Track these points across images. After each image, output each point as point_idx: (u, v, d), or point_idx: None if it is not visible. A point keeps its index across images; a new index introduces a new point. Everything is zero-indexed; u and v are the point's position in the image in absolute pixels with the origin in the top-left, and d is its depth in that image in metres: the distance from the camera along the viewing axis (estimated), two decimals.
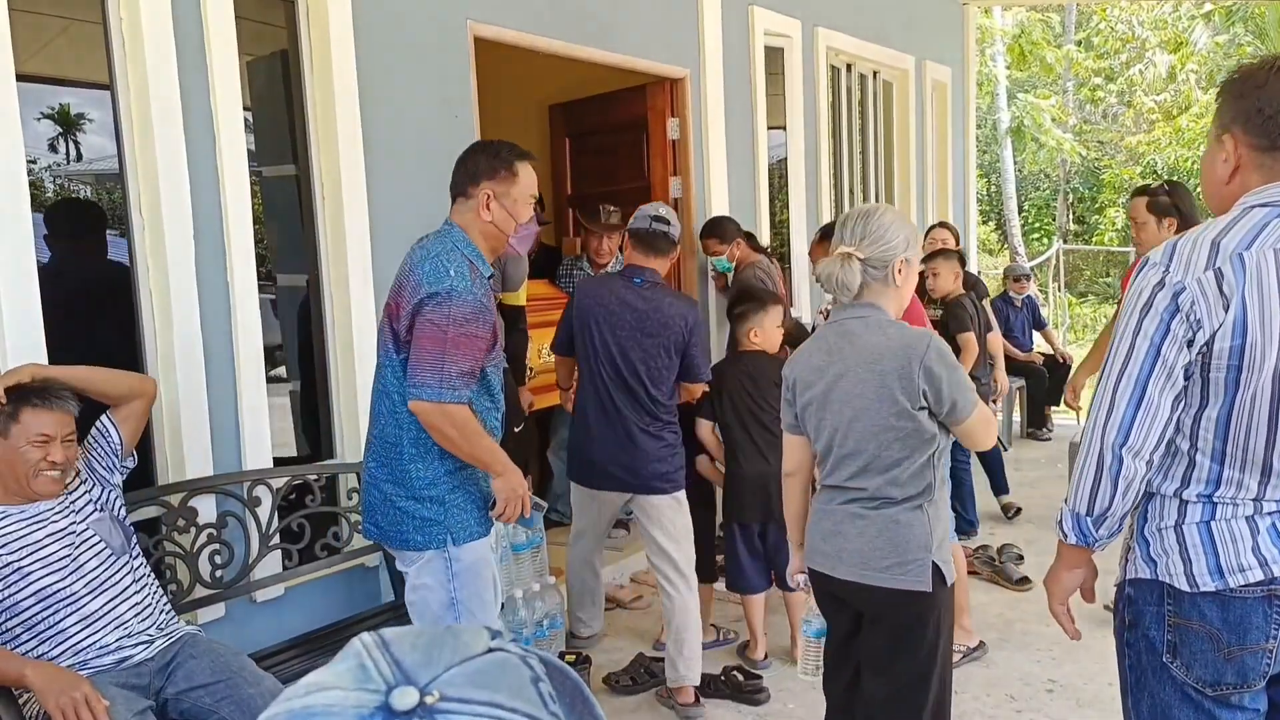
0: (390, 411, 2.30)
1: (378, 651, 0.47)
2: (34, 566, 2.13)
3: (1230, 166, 1.51)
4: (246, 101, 2.95)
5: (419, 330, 2.18)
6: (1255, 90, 1.46)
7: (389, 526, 2.33)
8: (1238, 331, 1.38)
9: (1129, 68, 17.76)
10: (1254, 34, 15.48)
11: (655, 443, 3.14)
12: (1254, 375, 1.39)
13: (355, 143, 3.17)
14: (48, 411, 2.16)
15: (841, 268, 2.01)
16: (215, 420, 2.81)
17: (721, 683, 3.22)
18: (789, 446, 2.23)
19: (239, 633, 2.78)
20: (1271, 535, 1.43)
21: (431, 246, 2.28)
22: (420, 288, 2.19)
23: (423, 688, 0.45)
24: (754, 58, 5.10)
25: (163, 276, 2.70)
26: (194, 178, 2.75)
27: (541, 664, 0.50)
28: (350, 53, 3.14)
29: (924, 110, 6.88)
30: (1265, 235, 1.41)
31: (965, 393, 2.00)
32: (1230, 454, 1.44)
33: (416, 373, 2.18)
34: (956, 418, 2.00)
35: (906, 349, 1.98)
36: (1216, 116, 1.55)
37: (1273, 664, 1.44)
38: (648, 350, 3.10)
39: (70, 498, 2.25)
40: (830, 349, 2.07)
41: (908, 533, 2.00)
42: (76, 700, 1.92)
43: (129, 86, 2.68)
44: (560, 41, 3.97)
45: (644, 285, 3.15)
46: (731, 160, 4.94)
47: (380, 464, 2.33)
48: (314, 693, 0.46)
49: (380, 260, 3.24)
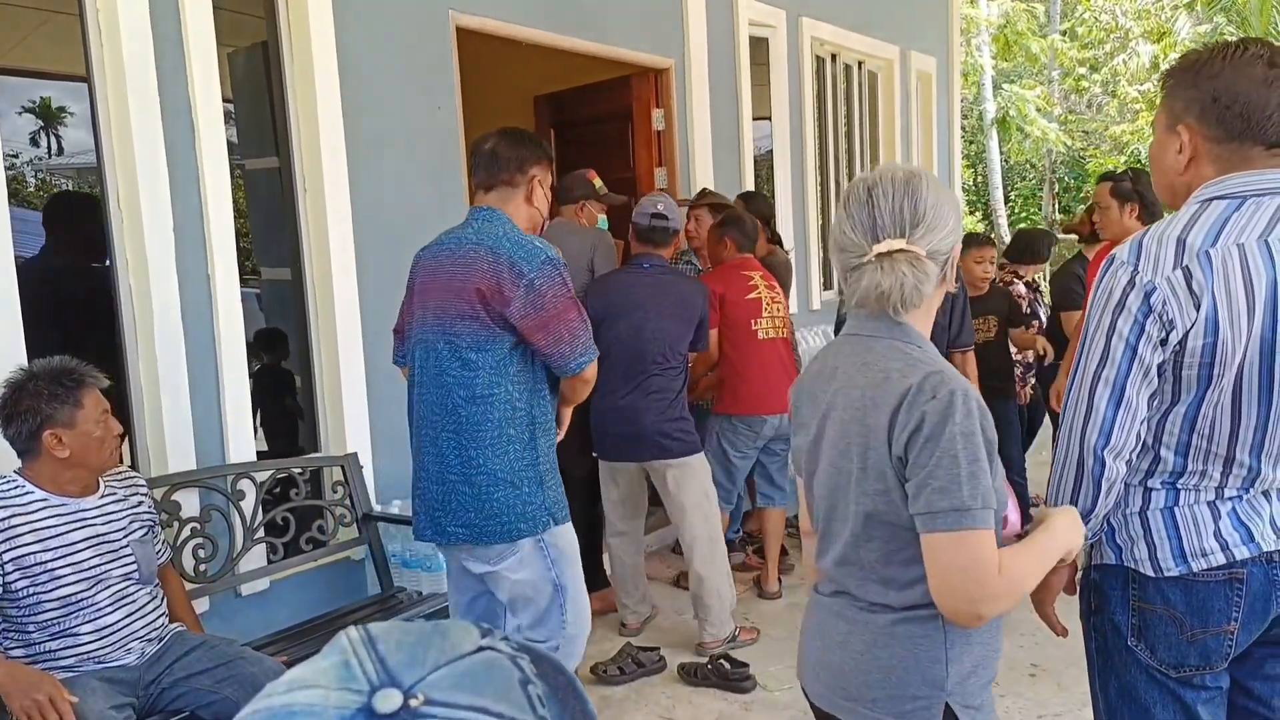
0: (474, 398, 2.22)
1: (363, 649, 0.46)
2: (64, 570, 2.11)
3: (1185, 158, 1.48)
4: (227, 93, 2.94)
5: (551, 306, 2.19)
6: (1209, 80, 1.44)
7: (485, 521, 2.24)
8: (1210, 330, 1.37)
9: (1113, 58, 17.83)
10: (1236, 24, 15.55)
11: (667, 409, 3.35)
12: (1225, 372, 1.39)
13: (337, 135, 3.15)
14: (96, 387, 2.18)
15: (902, 272, 1.29)
16: (197, 414, 2.80)
17: (709, 671, 3.24)
18: (804, 498, 1.53)
19: (224, 626, 2.77)
20: (1233, 520, 1.45)
21: (488, 228, 2.25)
22: (518, 265, 2.18)
23: (407, 690, 0.44)
24: (739, 48, 5.09)
25: (142, 270, 2.69)
26: (173, 170, 2.73)
27: (532, 663, 0.48)
28: (331, 44, 3.12)
29: (909, 100, 6.89)
30: (1228, 230, 1.40)
31: (952, 486, 1.22)
32: (1195, 447, 1.44)
33: (574, 343, 2.23)
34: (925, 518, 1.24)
35: (904, 391, 1.27)
36: (1166, 106, 1.51)
37: (1234, 646, 1.46)
38: (666, 323, 3.36)
39: (112, 500, 2.25)
40: (830, 375, 1.40)
41: (908, 656, 1.32)
42: (40, 702, 1.91)
43: (106, 78, 2.66)
44: (543, 32, 3.95)
45: (652, 270, 3.42)
46: (717, 151, 4.93)
47: (465, 459, 2.24)
48: (295, 690, 0.45)
49: (363, 252, 3.23)
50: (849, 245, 1.36)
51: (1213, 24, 16.08)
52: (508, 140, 2.34)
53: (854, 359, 1.37)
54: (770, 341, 3.76)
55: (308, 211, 3.17)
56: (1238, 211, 1.41)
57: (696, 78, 4.76)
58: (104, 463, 2.20)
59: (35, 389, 2.10)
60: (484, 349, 2.21)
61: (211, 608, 2.83)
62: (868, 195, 1.34)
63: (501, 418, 2.22)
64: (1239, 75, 1.42)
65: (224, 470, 2.86)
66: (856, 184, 1.38)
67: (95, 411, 2.15)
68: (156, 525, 2.38)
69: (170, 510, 2.69)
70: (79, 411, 2.12)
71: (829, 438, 1.37)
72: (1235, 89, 1.42)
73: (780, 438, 3.82)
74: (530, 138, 2.39)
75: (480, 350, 2.21)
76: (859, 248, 1.34)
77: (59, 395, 2.11)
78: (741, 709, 3.09)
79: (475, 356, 2.22)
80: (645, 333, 3.34)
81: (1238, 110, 1.42)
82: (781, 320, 3.81)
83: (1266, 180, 1.43)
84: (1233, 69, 1.42)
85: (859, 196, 1.36)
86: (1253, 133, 1.42)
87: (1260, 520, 1.45)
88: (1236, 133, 1.43)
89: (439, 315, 2.27)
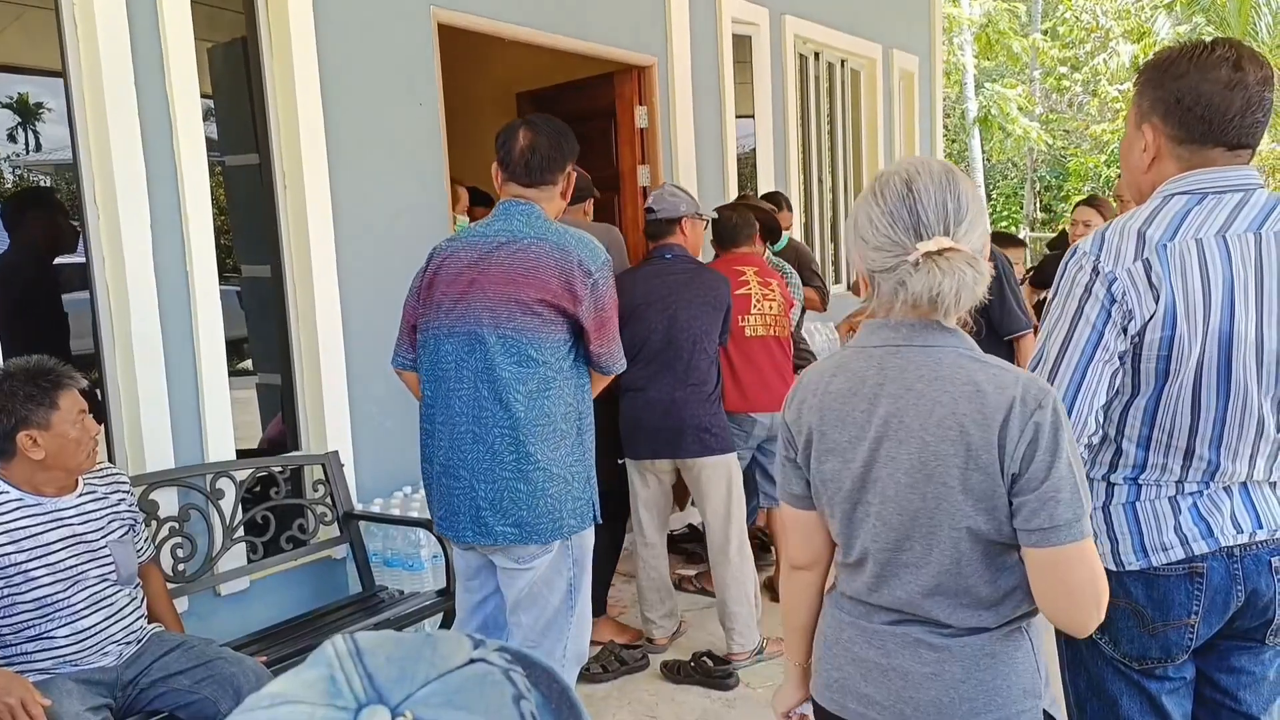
0: (533, 393, 2.18)
1: (350, 662, 0.45)
2: (40, 572, 2.08)
3: (1149, 156, 1.51)
4: (205, 89, 2.91)
5: (605, 308, 2.23)
6: (1174, 81, 1.46)
7: (539, 519, 2.20)
8: (1168, 323, 1.40)
9: (1093, 57, 17.97)
10: (1215, 24, 15.70)
11: (706, 402, 3.30)
12: (1183, 365, 1.42)
13: (317, 131, 3.13)
14: (74, 388, 2.15)
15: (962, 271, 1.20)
16: (176, 412, 2.77)
17: (691, 669, 3.24)
18: (797, 529, 1.45)
19: (203, 626, 2.75)
20: (1193, 515, 1.47)
21: (539, 224, 2.23)
22: (586, 265, 2.19)
23: (394, 708, 0.42)
24: (721, 45, 5.10)
25: (119, 268, 2.66)
26: (150, 167, 2.70)
27: (526, 674, 0.47)
28: (311, 39, 3.10)
29: (891, 99, 6.91)
30: (1187, 225, 1.43)
31: (1074, 497, 1.20)
32: (1156, 440, 1.46)
33: (615, 346, 2.29)
34: (1048, 533, 1.19)
35: (1009, 404, 1.20)
36: (1135, 103, 1.55)
37: (1195, 639, 1.48)
38: (698, 310, 3.30)
39: (91, 498, 2.22)
40: (874, 394, 1.28)
41: (1009, 671, 1.28)
42: (12, 706, 1.89)
43: (82, 73, 2.63)
44: (526, 28, 3.94)
45: (675, 260, 3.38)
46: (700, 149, 4.94)
47: (522, 455, 2.19)
48: (279, 705, 0.44)
49: (344, 250, 3.21)
50: (884, 244, 1.24)
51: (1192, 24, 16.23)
52: (548, 137, 2.28)
53: (912, 373, 1.25)
54: (759, 339, 3.65)
55: (288, 208, 3.15)
56: (1198, 207, 1.44)
57: (679, 75, 4.76)
58: (81, 464, 2.17)
59: (10, 389, 2.07)
60: (545, 345, 2.19)
61: (190, 607, 2.81)
62: (907, 189, 1.23)
63: (558, 413, 2.22)
64: (1203, 78, 1.44)
65: (203, 469, 2.83)
66: (890, 177, 1.27)
67: (72, 413, 2.12)
68: (138, 523, 2.35)
69: (148, 510, 2.66)
70: (55, 413, 2.09)
71: (897, 460, 1.25)
72: (1199, 91, 1.44)
73: (773, 438, 3.74)
74: (566, 133, 2.33)
75: (541, 347, 2.19)
76: (899, 246, 1.22)
77: (35, 396, 2.08)
78: (724, 706, 3.10)
79: (536, 353, 2.18)
80: (680, 321, 3.27)
81: (1199, 113, 1.44)
82: (773, 318, 3.69)
83: (1228, 177, 1.45)
84: (1198, 71, 1.45)
85: (896, 190, 1.24)
86: (1214, 135, 1.45)
87: (1220, 515, 1.47)
88: (1198, 134, 1.46)
89: (494, 310, 2.17)
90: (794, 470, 1.41)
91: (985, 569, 1.25)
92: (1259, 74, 1.44)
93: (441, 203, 3.60)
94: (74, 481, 2.21)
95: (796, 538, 1.45)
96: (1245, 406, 1.44)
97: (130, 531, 2.30)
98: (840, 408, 1.31)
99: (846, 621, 1.37)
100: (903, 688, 1.30)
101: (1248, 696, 1.54)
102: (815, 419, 1.34)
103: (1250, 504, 1.48)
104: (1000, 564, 1.25)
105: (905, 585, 1.28)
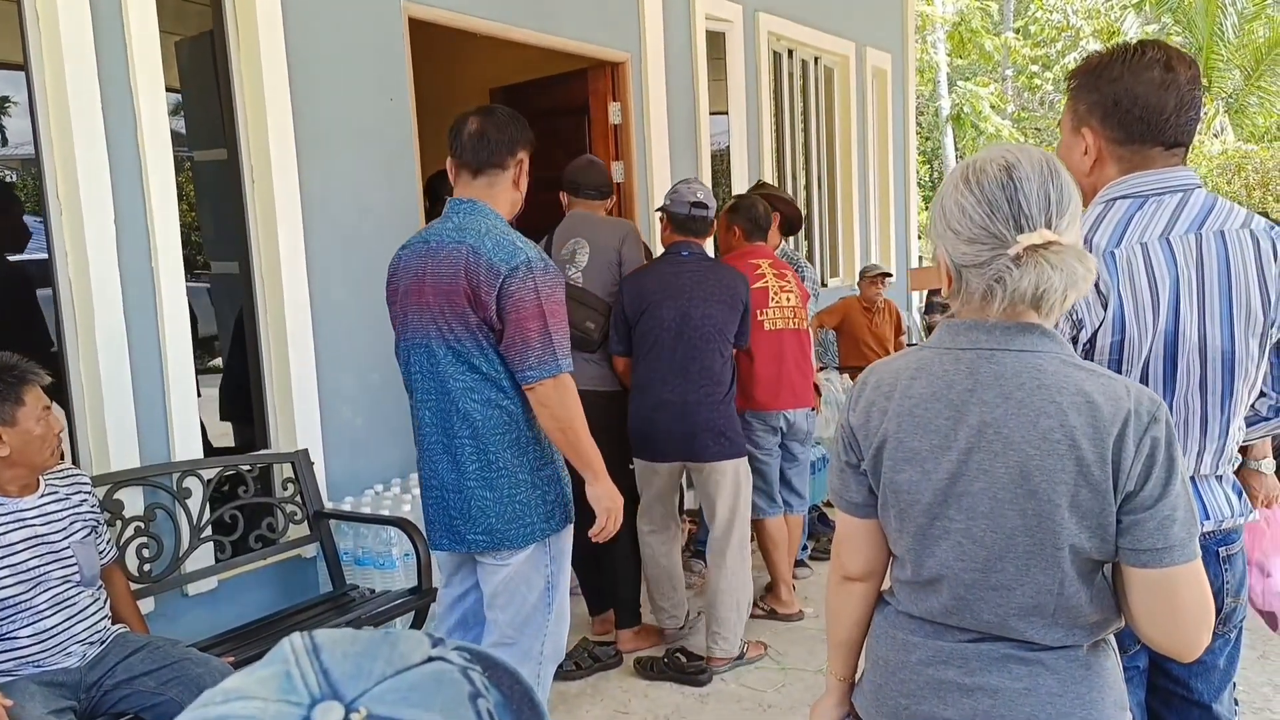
0: (488, 401, 2.17)
1: (306, 658, 0.45)
2: (2, 573, 2.06)
3: (1090, 159, 1.54)
4: (171, 82, 2.87)
5: (512, 311, 2.10)
6: (1109, 84, 1.49)
7: (507, 525, 2.19)
8: (1116, 328, 1.43)
9: (1064, 56, 18.15)
10: (1182, 24, 15.93)
11: (720, 404, 3.21)
12: (1131, 368, 1.45)
13: (285, 126, 3.09)
14: (37, 384, 2.13)
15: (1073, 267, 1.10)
16: (141, 411, 2.74)
17: (665, 665, 3.24)
18: (850, 537, 1.35)
19: (170, 627, 2.72)
20: None
21: (470, 223, 2.17)
22: (495, 267, 2.10)
23: (349, 704, 0.42)
24: (695, 42, 5.10)
25: (82, 264, 2.61)
26: (114, 161, 2.66)
27: (486, 673, 0.47)
28: (279, 33, 3.06)
29: (865, 96, 6.95)
30: (1131, 230, 1.46)
31: (1188, 515, 1.14)
32: None
33: (525, 354, 2.11)
34: (1161, 553, 1.13)
35: (1124, 417, 1.12)
36: (1070, 108, 1.57)
37: None
38: (713, 308, 3.22)
39: (53, 499, 2.19)
40: (962, 400, 1.18)
41: (1102, 684, 1.22)
42: None
43: (44, 66, 2.58)
44: (497, 23, 3.92)
45: (692, 258, 3.29)
46: (674, 145, 4.94)
47: (485, 463, 2.18)
48: (233, 700, 0.43)
49: (313, 246, 3.18)
50: (980, 235, 1.14)
51: (1160, 24, 16.45)
52: (495, 122, 2.23)
53: (1011, 380, 1.15)
54: (779, 333, 3.57)
55: (256, 204, 3.11)
56: (1140, 210, 1.47)
57: (653, 71, 4.76)
58: (45, 461, 2.15)
59: None
60: (486, 351, 2.15)
61: (157, 608, 2.77)
62: (1008, 176, 1.13)
63: (519, 418, 2.19)
64: (1137, 80, 1.47)
65: (169, 468, 2.80)
66: (986, 163, 1.16)
67: (36, 409, 2.11)
68: (100, 524, 2.32)
69: (113, 510, 2.63)
70: (20, 409, 2.07)
71: (992, 474, 1.16)
72: (1134, 93, 1.47)
73: (796, 438, 3.69)
74: (515, 119, 2.28)
75: (484, 353, 2.15)
76: (995, 239, 1.13)
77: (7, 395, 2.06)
78: (698, 701, 3.11)
79: (480, 361, 2.15)
80: (693, 319, 3.18)
81: (1137, 114, 1.48)
82: (792, 310, 3.61)
83: (1166, 179, 1.49)
84: (1131, 73, 1.48)
85: (995, 178, 1.14)
86: (1153, 134, 1.48)
87: None
88: (1138, 135, 1.49)
89: (437, 320, 2.17)
90: (855, 476, 1.30)
91: (1084, 587, 1.17)
92: (1188, 73, 1.48)
93: (413, 198, 3.58)
94: (36, 482, 2.18)
95: (851, 547, 1.34)
96: (1189, 404, 1.48)
97: (93, 533, 2.27)
98: (922, 413, 1.20)
99: (915, 642, 1.26)
100: (991, 707, 1.20)
101: (1199, 685, 1.58)
102: (892, 425, 1.23)
103: (1199, 496, 1.51)
104: (1095, 582, 1.18)
105: (994, 608, 1.19)
